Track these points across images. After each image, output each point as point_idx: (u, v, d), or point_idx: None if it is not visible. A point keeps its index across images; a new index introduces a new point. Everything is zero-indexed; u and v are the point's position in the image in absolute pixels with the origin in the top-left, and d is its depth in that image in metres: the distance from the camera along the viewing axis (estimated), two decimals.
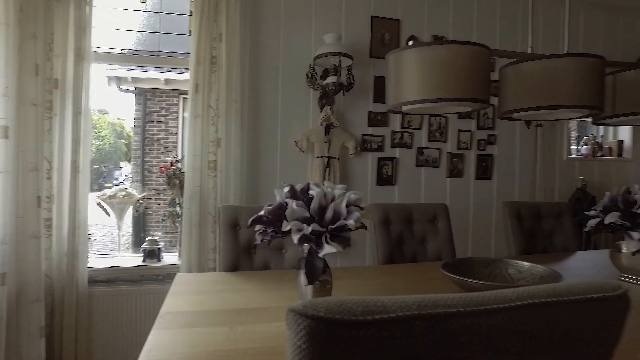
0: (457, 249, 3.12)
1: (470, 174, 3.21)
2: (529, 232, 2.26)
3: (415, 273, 1.75)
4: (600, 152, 3.76)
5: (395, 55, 1.25)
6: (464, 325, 0.46)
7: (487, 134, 3.24)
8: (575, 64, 1.26)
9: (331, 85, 2.66)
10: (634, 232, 1.50)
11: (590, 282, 0.54)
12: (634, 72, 1.48)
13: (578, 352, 0.54)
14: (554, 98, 1.26)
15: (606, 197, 1.63)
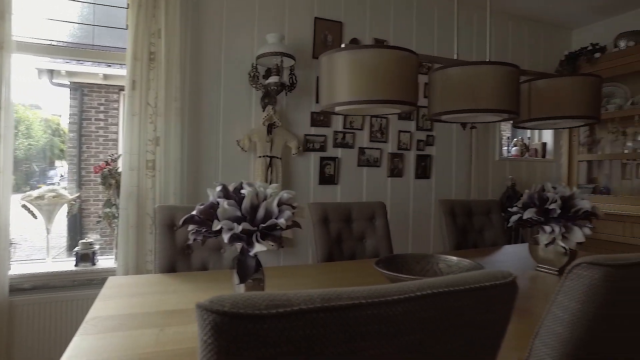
0: (398, 246, 3.23)
1: (410, 173, 3.33)
2: (461, 229, 2.39)
3: (352, 270, 1.80)
4: (527, 153, 4.03)
5: (327, 57, 1.29)
6: (365, 315, 0.49)
7: (426, 135, 3.38)
8: (494, 71, 1.36)
9: (273, 85, 2.66)
10: (547, 226, 1.63)
11: (485, 272, 0.59)
12: (545, 80, 1.62)
13: (474, 334, 0.59)
14: (476, 102, 1.35)
15: (525, 194, 1.76)
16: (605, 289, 0.70)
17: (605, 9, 3.69)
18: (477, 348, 0.60)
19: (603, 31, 3.89)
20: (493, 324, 0.59)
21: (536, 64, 3.97)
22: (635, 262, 0.71)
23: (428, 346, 0.54)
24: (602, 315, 0.72)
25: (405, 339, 0.51)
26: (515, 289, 0.60)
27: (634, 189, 3.64)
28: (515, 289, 0.60)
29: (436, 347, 0.55)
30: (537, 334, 0.80)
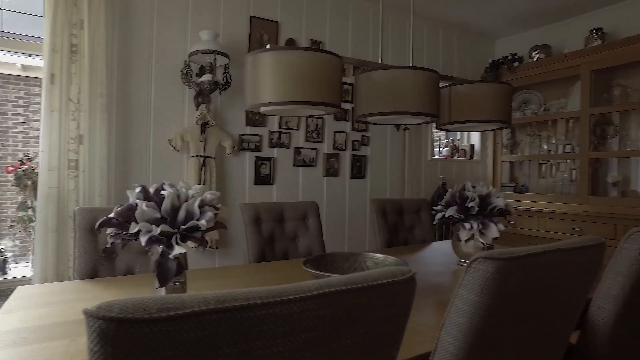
0: (335, 245, 3.29)
1: (346, 173, 3.40)
2: (392, 226, 2.48)
3: (282, 270, 1.81)
4: (457, 154, 4.26)
5: (252, 57, 1.28)
6: (260, 315, 0.49)
7: (361, 135, 3.46)
8: (415, 76, 1.42)
9: (206, 83, 2.61)
10: (466, 223, 1.74)
11: (384, 270, 0.62)
12: (464, 86, 1.72)
13: (375, 329, 0.61)
14: (399, 105, 1.41)
15: (448, 193, 1.85)
16: (498, 280, 0.76)
17: (522, 23, 3.99)
18: (379, 342, 0.62)
19: (521, 43, 4.20)
20: (393, 319, 0.62)
21: (464, 70, 4.20)
22: (522, 255, 0.77)
23: (327, 343, 0.56)
24: (496, 304, 0.78)
25: (302, 337, 0.52)
26: (413, 285, 0.63)
27: (548, 187, 3.97)
28: (414, 285, 0.63)
29: (336, 343, 0.57)
30: (443, 326, 0.85)
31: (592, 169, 3.58)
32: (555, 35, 3.98)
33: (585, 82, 3.39)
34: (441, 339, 0.85)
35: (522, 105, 4.05)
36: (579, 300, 1.00)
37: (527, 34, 4.20)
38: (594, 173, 3.59)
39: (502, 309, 0.79)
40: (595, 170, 3.61)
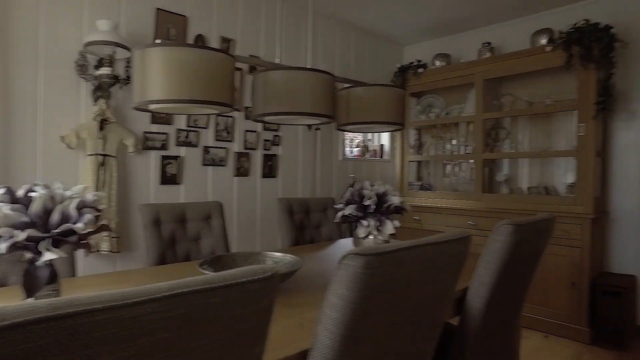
0: (246, 245, 3.26)
1: (257, 172, 3.38)
2: (299, 225, 2.51)
3: (182, 272, 1.75)
4: (368, 154, 4.44)
5: (140, 52, 1.23)
6: (101, 320, 0.48)
7: (272, 135, 3.46)
8: (311, 77, 1.46)
9: (105, 77, 2.44)
10: (364, 221, 1.82)
11: (245, 269, 0.63)
12: (362, 89, 1.81)
13: (236, 327, 0.62)
14: (294, 105, 1.43)
15: (348, 192, 1.93)
16: (367, 275, 0.81)
17: (427, 32, 4.26)
18: (239, 340, 0.63)
19: (426, 50, 4.49)
20: (253, 317, 0.63)
21: (375, 73, 4.39)
22: (389, 250, 0.83)
23: (180, 343, 0.55)
24: (366, 297, 0.83)
25: (150, 339, 0.52)
26: (274, 283, 0.65)
27: (451, 185, 4.28)
28: (275, 283, 0.65)
29: (190, 343, 0.56)
30: (320, 320, 0.88)
31: (489, 169, 3.95)
32: (454, 45, 4.31)
33: (478, 89, 3.71)
34: (318, 334, 0.88)
35: (427, 108, 4.33)
36: (448, 288, 1.10)
37: (431, 43, 4.50)
38: (490, 172, 3.96)
39: (372, 301, 0.84)
40: (490, 170, 3.97)
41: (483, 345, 1.57)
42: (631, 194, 3.32)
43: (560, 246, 3.16)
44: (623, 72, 3.31)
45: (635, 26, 3.28)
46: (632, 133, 3.31)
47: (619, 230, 3.37)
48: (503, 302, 1.57)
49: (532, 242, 1.55)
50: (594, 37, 3.02)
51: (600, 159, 3.35)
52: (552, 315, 3.20)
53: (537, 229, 1.55)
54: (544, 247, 1.70)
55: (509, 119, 3.88)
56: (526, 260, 1.58)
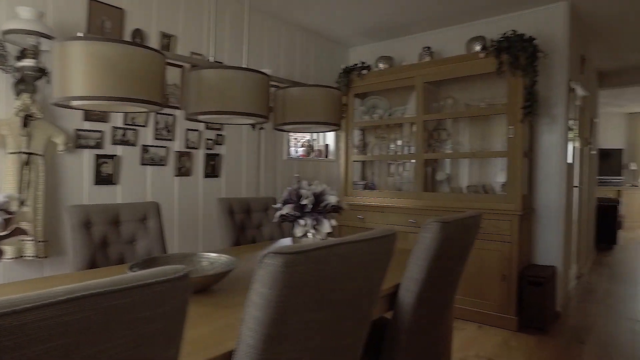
0: (188, 246, 3.18)
1: (199, 172, 3.31)
2: (240, 225, 2.49)
3: (109, 275, 1.68)
4: (313, 154, 4.47)
5: (61, 46, 1.17)
6: None
7: (215, 134, 3.40)
8: (244, 77, 1.46)
9: (28, 69, 2.29)
10: (301, 220, 1.84)
11: (155, 269, 0.62)
12: (298, 89, 1.83)
13: (146, 328, 0.61)
14: (227, 105, 1.42)
15: (285, 192, 1.94)
16: (287, 273, 0.82)
17: (371, 35, 4.36)
18: (149, 342, 0.62)
19: (370, 52, 4.60)
20: (163, 318, 0.63)
21: (321, 74, 4.43)
22: (309, 249, 0.84)
23: (79, 349, 0.54)
24: (288, 295, 0.84)
25: (42, 347, 0.50)
26: (186, 283, 0.64)
27: (395, 184, 4.40)
28: (187, 283, 0.64)
29: (91, 348, 0.55)
30: (243, 320, 0.89)
31: (431, 168, 4.11)
32: (397, 48, 4.44)
33: (419, 91, 3.85)
34: (242, 334, 0.88)
35: (371, 109, 4.42)
36: (375, 285, 1.13)
37: (375, 45, 4.61)
38: (432, 172, 4.12)
39: (294, 299, 0.86)
40: (433, 170, 4.14)
41: (415, 338, 1.63)
42: (553, 191, 3.58)
43: (493, 242, 3.35)
44: (546, 80, 3.57)
45: (553, 39, 3.54)
46: (554, 136, 3.57)
47: (543, 225, 3.63)
48: (433, 296, 1.64)
49: (459, 238, 1.63)
50: (520, 47, 3.23)
51: (528, 159, 3.58)
52: (486, 306, 3.39)
53: (464, 226, 1.64)
54: (471, 243, 1.80)
55: (450, 121, 4.05)
56: (454, 255, 1.66)
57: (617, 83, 6.43)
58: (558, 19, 3.54)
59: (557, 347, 3.02)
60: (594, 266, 5.64)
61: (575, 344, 3.07)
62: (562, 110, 3.55)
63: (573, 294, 4.27)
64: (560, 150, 3.56)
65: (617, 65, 5.98)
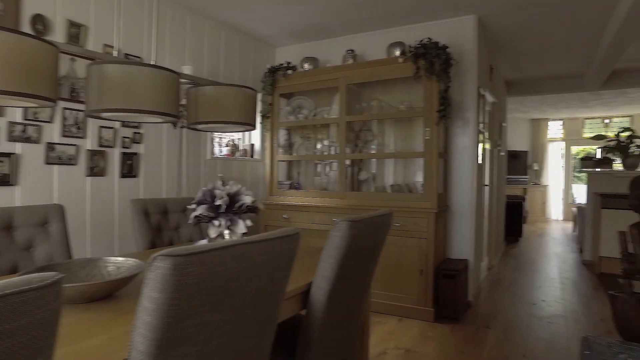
0: (102, 250, 3.00)
1: (115, 172, 3.13)
2: (156, 227, 2.40)
3: None
4: (238, 153, 4.41)
5: None
6: None
7: (132, 132, 3.24)
8: (151, 73, 1.40)
9: None
10: (215, 221, 1.81)
11: (21, 278, 0.58)
12: (211, 88, 1.80)
13: (13, 342, 0.57)
14: (131, 102, 1.36)
15: (200, 192, 1.89)
16: (177, 276, 0.80)
17: (296, 35, 4.40)
18: (16, 355, 0.58)
19: (296, 53, 4.63)
20: (33, 329, 0.59)
21: (246, 73, 4.38)
22: (201, 251, 0.84)
23: None
24: (179, 298, 0.83)
25: None
26: (56, 291, 0.61)
27: (322, 184, 4.47)
28: (57, 291, 0.61)
29: None
30: (134, 327, 0.85)
31: (358, 168, 4.22)
32: (322, 50, 4.51)
33: (342, 93, 3.94)
34: (133, 340, 0.85)
35: (296, 109, 4.45)
36: (279, 284, 1.15)
37: (301, 46, 4.65)
38: (359, 171, 4.24)
39: (187, 302, 0.84)
40: (359, 169, 4.26)
41: (328, 334, 1.67)
42: (466, 190, 3.85)
43: (412, 238, 3.52)
44: (459, 86, 3.83)
45: (464, 48, 3.81)
46: (466, 138, 3.84)
47: (457, 222, 3.88)
48: (345, 292, 1.69)
49: (369, 236, 1.70)
50: (435, 54, 3.43)
51: (443, 160, 3.82)
52: (405, 300, 3.56)
53: (374, 224, 1.71)
54: (382, 240, 1.88)
55: (376, 122, 4.19)
56: (365, 252, 1.73)
57: (521, 92, 7.06)
58: (468, 31, 3.81)
59: (467, 333, 3.25)
60: (503, 257, 6.14)
61: (482, 329, 3.33)
62: (473, 114, 3.82)
63: (484, 284, 4.62)
64: (472, 151, 3.83)
65: (520, 75, 6.55)
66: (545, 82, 6.87)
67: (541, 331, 3.31)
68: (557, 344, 3.07)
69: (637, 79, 6.40)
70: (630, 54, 5.34)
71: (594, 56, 5.32)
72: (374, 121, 4.19)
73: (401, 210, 3.56)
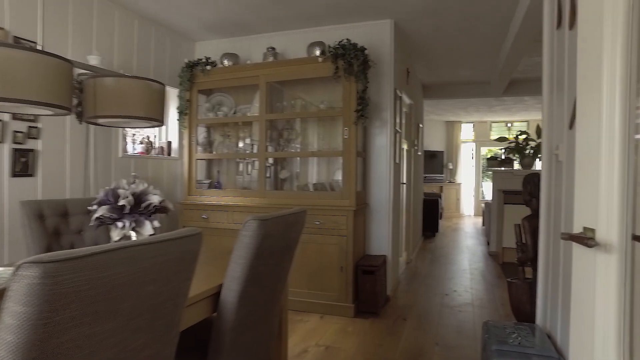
0: None
1: (4, 170, 2.80)
2: (53, 231, 2.17)
3: None
4: (154, 151, 4.18)
5: None
6: None
7: (27, 126, 2.92)
8: (38, 60, 1.26)
9: None
10: (119, 222, 1.68)
11: None
12: (113, 79, 1.66)
13: None
14: (8, 90, 1.21)
15: (101, 192, 1.75)
16: (46, 286, 0.71)
17: (216, 30, 4.26)
18: None
19: (217, 48, 4.49)
20: None
21: (162, 67, 4.16)
22: (77, 256, 0.75)
23: None
24: (52, 310, 0.74)
25: None
26: None
27: (243, 183, 4.38)
28: None
29: None
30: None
31: (280, 167, 4.18)
32: (243, 46, 4.42)
33: (262, 91, 3.89)
34: None
35: (216, 106, 4.32)
36: (178, 288, 1.08)
37: (222, 42, 4.52)
38: (280, 170, 4.20)
39: (62, 315, 0.76)
40: (282, 168, 4.22)
41: (240, 335, 1.62)
42: (384, 188, 3.98)
43: (332, 236, 3.57)
44: (376, 87, 3.95)
45: (381, 51, 3.95)
46: (384, 138, 3.98)
47: (376, 219, 4.01)
48: (257, 293, 1.66)
49: (281, 235, 1.67)
50: (353, 55, 3.50)
51: (362, 159, 3.92)
52: (327, 297, 3.60)
53: (285, 223, 1.69)
54: (296, 238, 1.87)
55: (299, 121, 4.18)
56: (277, 251, 1.70)
57: (436, 95, 7.49)
58: (385, 34, 3.95)
59: (385, 326, 3.36)
60: (420, 252, 6.47)
61: (400, 321, 3.47)
62: (390, 115, 3.97)
63: (402, 278, 4.82)
64: (389, 150, 3.97)
65: (436, 79, 6.95)
66: (458, 87, 7.35)
67: (452, 319, 3.53)
68: (466, 330, 3.29)
69: (530, 87, 7.08)
70: (523, 66, 5.90)
71: (496, 65, 5.79)
72: (297, 120, 4.18)
73: (321, 209, 3.59)
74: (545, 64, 2.27)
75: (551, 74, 2.20)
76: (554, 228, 2.15)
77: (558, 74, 2.05)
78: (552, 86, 2.19)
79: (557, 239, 2.06)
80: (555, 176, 2.12)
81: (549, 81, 2.23)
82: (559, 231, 2.02)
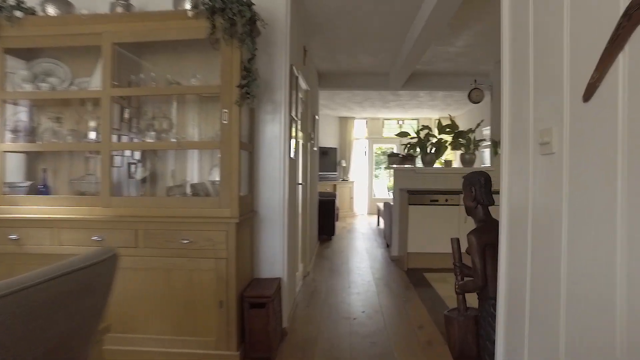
0: None
1: None
2: None
3: None
4: None
5: None
6: None
7: None
8: None
9: None
10: None
11: None
12: None
13: None
14: None
15: None
16: None
17: None
18: None
19: None
20: None
21: None
22: None
23: None
24: None
25: None
26: None
27: (81, 187, 3.09)
28: None
29: None
30: None
31: (134, 165, 3.01)
32: None
33: (107, 55, 2.72)
34: None
35: (40, 76, 2.99)
36: None
37: None
38: (135, 168, 3.03)
39: None
40: (135, 166, 3.05)
41: None
42: (277, 190, 3.10)
43: (207, 259, 2.58)
44: (268, 60, 3.06)
45: (275, 16, 3.06)
46: (277, 126, 3.09)
47: (266, 230, 3.11)
48: None
49: (45, 317, 0.68)
50: (237, 10, 2.55)
51: (248, 152, 2.98)
52: (201, 344, 2.59)
53: (53, 295, 0.70)
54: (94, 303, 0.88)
55: (173, 104, 3.07)
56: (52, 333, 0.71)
57: (333, 84, 6.85)
58: None
59: None
60: (317, 260, 5.74)
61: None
62: (285, 98, 3.09)
63: (299, 300, 3.99)
64: (284, 143, 3.09)
65: (333, 67, 6.29)
66: (356, 77, 6.80)
67: (365, 356, 2.78)
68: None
69: (428, 82, 6.85)
70: (429, 56, 5.51)
71: (400, 53, 5.30)
72: (166, 102, 3.08)
73: (190, 222, 2.58)
74: None
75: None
76: (539, 248, 1.48)
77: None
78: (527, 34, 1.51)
79: (540, 262, 1.39)
80: (539, 175, 1.44)
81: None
82: (548, 253, 1.34)
